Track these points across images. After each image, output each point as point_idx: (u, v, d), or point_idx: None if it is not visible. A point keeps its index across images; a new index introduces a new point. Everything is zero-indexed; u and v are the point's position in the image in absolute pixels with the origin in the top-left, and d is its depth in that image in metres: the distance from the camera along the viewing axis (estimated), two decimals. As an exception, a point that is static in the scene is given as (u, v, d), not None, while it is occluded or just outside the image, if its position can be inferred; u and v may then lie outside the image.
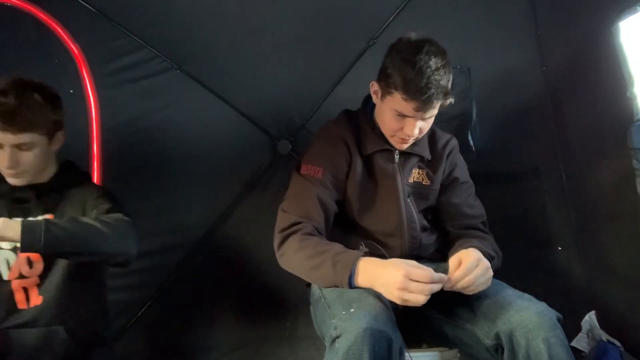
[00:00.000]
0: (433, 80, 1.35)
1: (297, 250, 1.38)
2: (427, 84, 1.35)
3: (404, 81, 1.37)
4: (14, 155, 1.41)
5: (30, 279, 1.47)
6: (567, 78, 1.99)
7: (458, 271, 1.23)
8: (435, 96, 1.37)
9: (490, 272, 1.28)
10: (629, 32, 1.60)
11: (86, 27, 2.02)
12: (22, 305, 1.47)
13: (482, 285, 1.26)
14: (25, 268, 1.47)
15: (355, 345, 1.13)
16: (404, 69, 1.37)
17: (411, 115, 1.42)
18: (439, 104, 1.41)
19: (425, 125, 1.47)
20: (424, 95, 1.35)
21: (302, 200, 1.48)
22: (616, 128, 1.64)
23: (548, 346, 1.16)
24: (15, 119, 1.37)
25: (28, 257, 1.47)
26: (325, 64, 2.16)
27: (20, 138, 1.39)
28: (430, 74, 1.35)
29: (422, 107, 1.39)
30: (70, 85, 2.01)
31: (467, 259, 1.25)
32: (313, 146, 1.59)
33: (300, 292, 1.68)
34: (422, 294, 1.16)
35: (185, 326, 2.13)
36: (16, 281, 1.47)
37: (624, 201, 1.66)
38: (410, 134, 1.45)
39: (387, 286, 1.19)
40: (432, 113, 1.44)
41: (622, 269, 1.78)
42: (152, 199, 2.12)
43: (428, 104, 1.38)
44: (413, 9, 2.11)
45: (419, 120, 1.43)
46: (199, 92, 2.13)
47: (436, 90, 1.36)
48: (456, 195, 1.62)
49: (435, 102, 1.38)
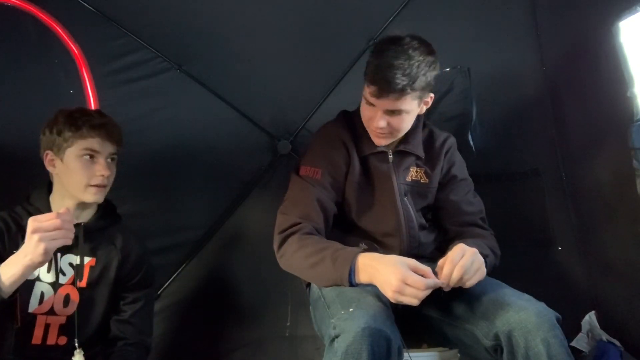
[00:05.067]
0: (399, 67, 1.35)
1: (296, 249, 1.38)
2: (389, 70, 1.35)
3: (371, 66, 1.40)
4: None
5: (58, 317, 1.45)
6: (567, 78, 1.99)
7: (445, 268, 1.23)
8: (395, 84, 1.35)
9: (479, 259, 1.27)
10: (629, 32, 1.60)
11: (86, 27, 2.03)
12: (36, 341, 1.43)
13: (476, 274, 1.25)
14: (60, 306, 1.45)
15: (354, 344, 1.13)
16: (376, 56, 1.40)
17: (374, 102, 1.42)
18: (404, 96, 1.38)
19: (394, 121, 1.44)
20: (382, 80, 1.36)
21: (301, 202, 1.48)
22: (616, 128, 1.64)
23: (547, 346, 1.16)
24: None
25: (67, 294, 1.46)
26: (325, 64, 2.16)
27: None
28: (396, 62, 1.35)
29: (380, 93, 1.38)
30: (70, 85, 2.01)
31: (451, 254, 1.25)
32: (312, 147, 1.60)
33: (300, 292, 1.68)
34: (415, 298, 1.17)
35: (186, 326, 2.13)
36: (42, 316, 1.43)
37: (624, 201, 1.66)
38: (374, 125, 1.45)
39: (384, 285, 1.21)
40: (396, 106, 1.41)
41: (622, 268, 1.78)
42: (152, 199, 2.12)
43: (387, 90, 1.37)
44: (413, 9, 2.11)
45: (382, 111, 1.42)
46: (199, 92, 2.14)
47: (400, 78, 1.35)
48: (455, 192, 1.62)
49: (396, 90, 1.36)
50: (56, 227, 1.22)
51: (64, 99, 2.04)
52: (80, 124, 1.45)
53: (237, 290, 2.16)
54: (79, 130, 1.45)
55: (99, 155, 1.47)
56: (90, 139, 1.46)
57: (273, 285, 2.09)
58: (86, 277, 1.49)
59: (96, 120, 1.48)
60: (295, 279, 1.58)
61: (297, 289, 1.68)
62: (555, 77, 2.05)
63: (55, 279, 1.45)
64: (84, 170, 1.45)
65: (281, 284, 2.06)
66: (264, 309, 2.15)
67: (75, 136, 1.45)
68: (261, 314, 2.15)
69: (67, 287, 1.47)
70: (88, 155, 1.46)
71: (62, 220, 1.23)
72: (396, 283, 1.17)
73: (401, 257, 1.24)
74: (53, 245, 1.22)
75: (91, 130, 1.45)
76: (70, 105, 2.06)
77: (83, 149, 1.45)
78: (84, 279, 1.49)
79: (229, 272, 2.18)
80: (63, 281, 1.46)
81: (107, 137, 1.48)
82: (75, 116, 1.47)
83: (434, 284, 1.20)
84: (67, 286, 1.47)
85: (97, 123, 1.47)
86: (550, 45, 2.05)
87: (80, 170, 1.45)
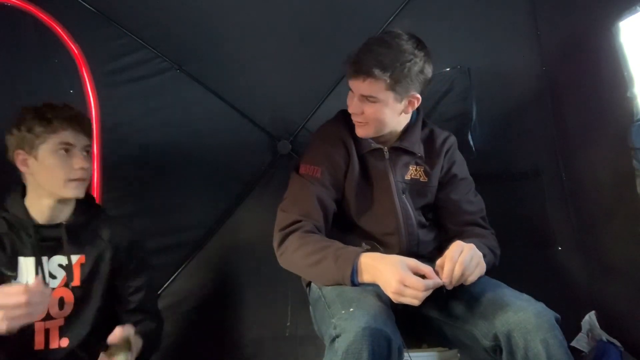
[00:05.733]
0: (374, 51, 1.38)
1: (297, 248, 1.38)
2: (363, 53, 1.39)
3: (354, 50, 1.43)
4: None
5: (56, 320, 1.42)
6: (567, 78, 1.99)
7: (445, 267, 1.24)
8: (364, 65, 1.38)
9: (478, 254, 1.28)
10: (629, 32, 1.60)
11: (86, 27, 2.02)
12: (39, 346, 1.40)
13: (476, 269, 1.26)
14: (55, 309, 1.42)
15: (354, 344, 1.13)
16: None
17: (350, 86, 1.45)
18: (375, 80, 1.39)
19: (369, 110, 1.45)
20: (354, 61, 1.40)
21: (301, 200, 1.48)
22: (616, 128, 1.64)
23: (546, 347, 1.16)
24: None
25: (62, 297, 1.43)
26: (325, 64, 2.16)
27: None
28: (373, 47, 1.39)
29: (350, 73, 1.42)
30: (70, 85, 2.01)
31: (449, 252, 1.25)
32: (311, 146, 1.60)
33: (300, 292, 1.67)
34: (415, 299, 1.18)
35: (186, 326, 2.13)
36: (40, 323, 1.40)
37: (624, 201, 1.66)
38: (351, 111, 1.48)
39: (385, 285, 1.22)
40: (369, 91, 1.42)
41: (622, 268, 1.78)
42: (152, 199, 2.12)
43: (356, 70, 1.40)
44: (413, 9, 2.11)
45: (359, 97, 1.44)
46: (199, 92, 2.14)
47: (370, 61, 1.38)
48: (455, 192, 1.62)
49: (363, 71, 1.39)
50: (20, 305, 1.14)
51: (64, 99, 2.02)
52: (50, 118, 1.39)
53: (237, 290, 2.16)
54: (50, 125, 1.38)
55: (74, 148, 1.41)
56: (63, 132, 1.39)
57: (273, 285, 2.09)
58: (78, 276, 1.45)
59: (66, 112, 1.42)
60: (296, 279, 1.58)
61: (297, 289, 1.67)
62: (555, 77, 2.05)
63: (57, 285, 1.42)
64: (62, 165, 1.39)
65: (281, 284, 2.06)
66: (264, 309, 2.15)
67: (47, 131, 1.38)
68: (261, 314, 2.15)
69: (60, 290, 1.43)
70: (63, 149, 1.40)
71: (30, 295, 1.14)
72: (395, 285, 1.17)
73: (402, 258, 1.24)
74: (15, 325, 1.15)
75: (63, 123, 1.40)
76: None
77: (57, 143, 1.39)
78: (77, 278, 1.45)
79: (229, 272, 2.18)
80: (55, 284, 1.42)
81: (80, 129, 1.42)
82: (43, 110, 1.40)
83: (434, 284, 1.20)
84: (59, 289, 1.43)
85: (67, 115, 1.41)
86: (550, 45, 2.05)
87: (58, 166, 1.39)
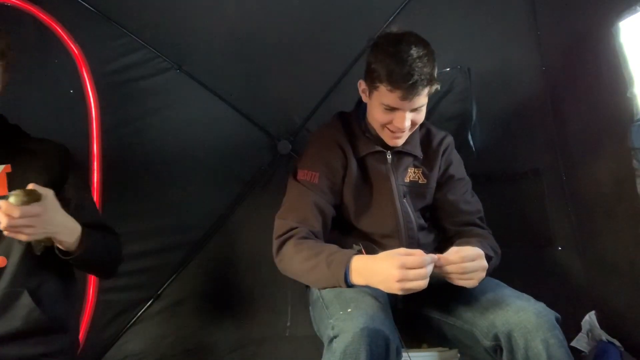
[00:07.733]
0: (415, 67, 1.36)
1: (293, 255, 1.39)
2: (409, 71, 1.35)
3: (387, 71, 1.38)
4: None
5: None
6: (567, 78, 1.99)
7: (455, 254, 1.24)
8: (419, 82, 1.37)
9: (484, 273, 1.28)
10: (629, 32, 1.60)
11: (86, 27, 2.03)
12: None
13: (475, 275, 1.26)
14: None
15: (352, 344, 1.13)
16: (386, 60, 1.38)
17: (399, 106, 1.42)
18: (425, 91, 1.40)
19: (416, 117, 1.46)
20: (407, 82, 1.36)
21: (298, 207, 1.48)
22: (616, 128, 1.64)
23: (547, 347, 1.16)
24: None
25: None
26: (325, 64, 2.16)
27: None
28: (412, 62, 1.36)
29: (407, 94, 1.38)
30: (70, 85, 2.02)
31: (470, 250, 1.26)
32: (308, 151, 1.60)
33: (300, 292, 1.68)
34: (421, 279, 1.17)
35: (185, 326, 2.13)
36: None
37: (624, 201, 1.66)
38: (401, 127, 1.45)
39: (386, 282, 1.20)
40: (420, 102, 1.43)
41: (622, 268, 1.77)
42: (152, 199, 2.12)
43: (413, 91, 1.38)
44: (413, 9, 2.11)
45: (408, 111, 1.43)
46: (199, 92, 2.14)
47: (420, 76, 1.36)
48: (452, 192, 1.62)
49: (420, 88, 1.38)
50: None
51: (64, 99, 2.04)
52: None
53: (237, 291, 2.16)
54: None
55: None
56: None
57: (273, 285, 2.09)
58: (5, 185, 1.34)
59: None
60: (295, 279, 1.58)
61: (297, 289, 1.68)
62: (555, 77, 2.05)
63: None
64: None
65: (281, 284, 2.05)
66: (264, 309, 2.15)
67: None
68: (261, 314, 2.15)
69: None
70: None
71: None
72: (397, 272, 1.17)
73: (391, 250, 1.24)
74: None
75: None
76: (71, 105, 2.07)
77: None
78: (4, 186, 1.33)
79: (229, 272, 2.18)
80: None
81: None
82: None
83: (431, 259, 1.21)
84: None
85: None
86: (550, 45, 2.05)
87: None
